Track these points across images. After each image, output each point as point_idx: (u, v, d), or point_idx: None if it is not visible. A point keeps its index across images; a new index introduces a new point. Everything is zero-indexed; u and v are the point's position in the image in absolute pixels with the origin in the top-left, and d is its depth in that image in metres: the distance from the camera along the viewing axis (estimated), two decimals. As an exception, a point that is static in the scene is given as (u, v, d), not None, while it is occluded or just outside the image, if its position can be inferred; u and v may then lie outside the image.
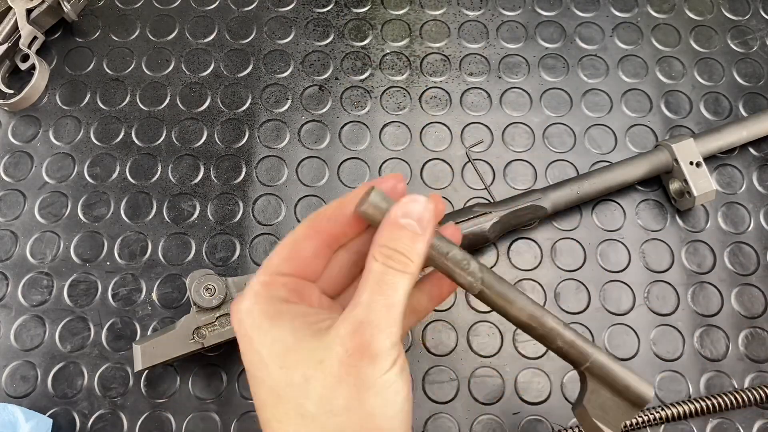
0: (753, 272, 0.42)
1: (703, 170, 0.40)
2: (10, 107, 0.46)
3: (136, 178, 0.45)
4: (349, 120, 0.46)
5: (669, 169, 0.41)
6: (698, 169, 0.40)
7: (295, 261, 0.26)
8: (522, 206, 0.40)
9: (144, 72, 0.48)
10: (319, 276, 0.27)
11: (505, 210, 0.40)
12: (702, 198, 0.40)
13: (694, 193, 0.39)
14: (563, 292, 0.42)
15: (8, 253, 0.43)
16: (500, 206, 0.40)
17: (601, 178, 0.41)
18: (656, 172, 0.42)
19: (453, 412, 0.39)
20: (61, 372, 0.40)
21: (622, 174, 0.42)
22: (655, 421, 0.38)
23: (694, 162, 0.40)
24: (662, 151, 0.42)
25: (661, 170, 0.42)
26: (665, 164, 0.41)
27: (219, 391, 0.40)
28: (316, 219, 0.26)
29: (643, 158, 0.42)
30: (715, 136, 0.42)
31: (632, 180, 0.42)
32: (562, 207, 0.41)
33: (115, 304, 0.42)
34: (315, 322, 0.24)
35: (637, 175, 0.42)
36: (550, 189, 0.41)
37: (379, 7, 0.50)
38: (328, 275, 0.27)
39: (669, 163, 0.41)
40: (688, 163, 0.40)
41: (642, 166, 0.42)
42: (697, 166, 0.40)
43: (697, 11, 0.50)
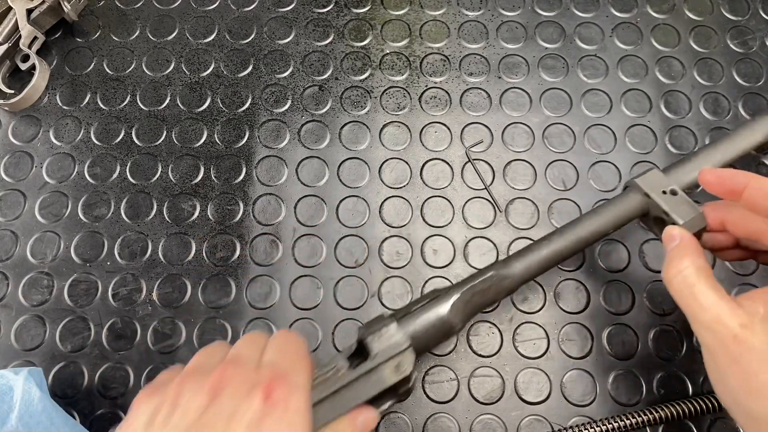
0: (752, 273, 0.42)
1: (681, 196, 0.35)
2: (10, 107, 0.46)
3: (136, 178, 0.45)
4: (349, 120, 0.46)
5: (645, 209, 0.37)
6: (675, 197, 0.35)
7: None
8: (481, 279, 0.34)
9: (144, 72, 0.48)
10: None
11: (464, 287, 0.34)
12: (690, 226, 0.35)
13: (679, 222, 0.34)
14: (563, 292, 0.42)
15: (8, 253, 0.43)
16: (458, 286, 0.34)
17: (569, 237, 0.36)
18: (633, 215, 0.37)
19: (453, 412, 0.39)
20: (62, 372, 0.40)
21: (592, 229, 0.36)
22: (655, 421, 0.38)
23: (668, 191, 0.36)
24: (632, 191, 0.37)
25: (637, 212, 0.37)
26: (640, 204, 0.36)
27: (219, 390, 0.40)
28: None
29: (615, 205, 0.37)
30: (687, 166, 0.38)
31: (606, 232, 0.37)
32: (532, 275, 0.35)
33: (115, 304, 0.42)
34: None
35: (611, 225, 0.36)
36: (514, 258, 0.35)
37: (379, 7, 0.50)
38: None
39: (643, 202, 0.36)
40: (660, 193, 0.36)
41: (614, 213, 0.36)
42: (672, 194, 0.35)
43: (696, 11, 0.50)
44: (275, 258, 0.43)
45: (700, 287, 0.29)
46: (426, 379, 0.40)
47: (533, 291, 0.42)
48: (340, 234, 0.43)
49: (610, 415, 0.38)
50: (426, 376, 0.40)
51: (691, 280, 0.30)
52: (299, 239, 0.43)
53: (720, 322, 0.28)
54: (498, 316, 0.41)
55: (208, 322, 0.41)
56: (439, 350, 0.41)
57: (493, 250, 0.43)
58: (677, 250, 0.31)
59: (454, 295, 0.33)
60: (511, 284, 0.35)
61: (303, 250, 0.43)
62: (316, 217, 0.44)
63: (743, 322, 0.27)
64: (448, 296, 0.33)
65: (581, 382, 0.40)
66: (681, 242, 0.32)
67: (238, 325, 0.41)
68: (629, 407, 0.39)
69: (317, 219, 0.44)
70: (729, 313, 0.28)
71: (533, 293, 0.42)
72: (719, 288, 0.29)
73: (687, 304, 0.29)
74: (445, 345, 0.41)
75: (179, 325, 0.41)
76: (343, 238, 0.43)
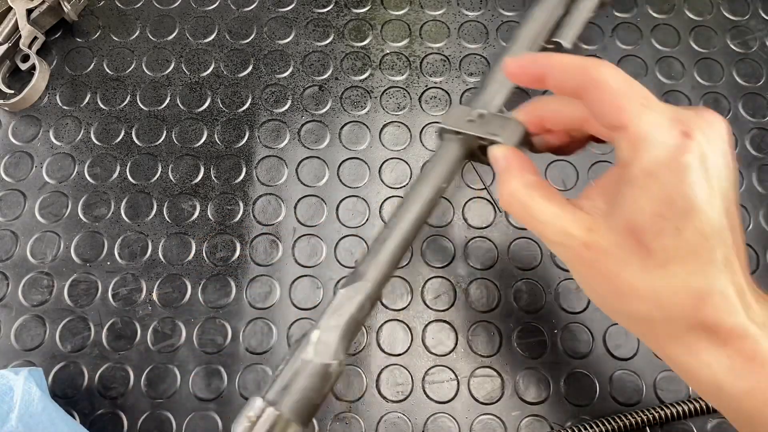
0: (753, 272, 0.42)
1: (490, 115, 0.32)
2: (10, 107, 0.46)
3: (136, 178, 0.45)
4: (349, 120, 0.46)
5: (466, 148, 0.33)
6: (484, 119, 0.31)
7: None
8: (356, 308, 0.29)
9: (144, 72, 0.48)
10: None
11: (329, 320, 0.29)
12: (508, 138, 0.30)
13: (497, 140, 0.30)
14: (563, 292, 0.42)
15: (8, 253, 0.43)
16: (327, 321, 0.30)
17: (409, 217, 0.31)
18: (458, 160, 0.33)
19: (453, 412, 0.39)
20: (61, 372, 0.40)
21: (427, 196, 0.32)
22: (655, 421, 0.38)
23: (474, 117, 0.32)
24: (445, 137, 0.33)
25: (460, 155, 0.33)
26: (458, 145, 0.32)
27: (219, 391, 0.40)
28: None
29: (436, 161, 0.33)
30: (488, 87, 0.35)
31: (442, 189, 0.33)
32: (389, 274, 0.31)
33: (115, 304, 0.42)
34: None
35: (443, 180, 0.32)
36: (366, 266, 0.30)
37: (379, 7, 0.50)
38: None
39: (459, 141, 0.32)
40: (467, 122, 0.32)
41: (440, 169, 0.32)
42: (481, 118, 0.32)
43: (696, 11, 0.50)
44: (275, 258, 0.43)
45: (535, 204, 0.27)
46: (426, 379, 0.40)
47: (533, 291, 0.42)
48: (340, 234, 0.43)
49: (610, 415, 0.38)
50: (426, 376, 0.40)
51: (524, 199, 0.27)
52: (299, 239, 0.43)
53: (566, 233, 0.26)
54: (498, 316, 0.41)
55: (208, 322, 0.41)
56: (439, 350, 0.41)
57: (493, 250, 0.43)
58: (503, 172, 0.29)
59: (313, 334, 0.28)
60: (377, 294, 0.30)
61: (303, 250, 0.43)
62: (316, 217, 0.44)
63: (588, 226, 0.26)
64: (307, 341, 0.28)
65: (581, 382, 0.40)
66: (505, 162, 0.29)
67: (238, 325, 0.41)
68: (629, 407, 0.39)
69: (317, 219, 0.44)
70: (572, 222, 0.26)
71: (533, 293, 0.42)
72: (556, 197, 0.27)
73: (530, 225, 0.27)
74: (445, 345, 0.41)
75: (179, 325, 0.41)
76: (343, 238, 0.43)
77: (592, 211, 0.26)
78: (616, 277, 0.25)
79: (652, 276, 0.24)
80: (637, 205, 0.24)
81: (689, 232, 0.23)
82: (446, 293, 0.42)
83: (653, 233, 0.24)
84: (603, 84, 0.25)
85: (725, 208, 0.24)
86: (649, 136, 0.24)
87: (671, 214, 0.23)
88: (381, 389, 0.40)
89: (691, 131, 0.23)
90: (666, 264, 0.24)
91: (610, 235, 0.25)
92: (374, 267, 0.30)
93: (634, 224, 0.24)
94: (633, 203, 0.24)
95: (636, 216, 0.24)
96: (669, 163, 0.23)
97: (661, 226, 0.23)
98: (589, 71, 0.26)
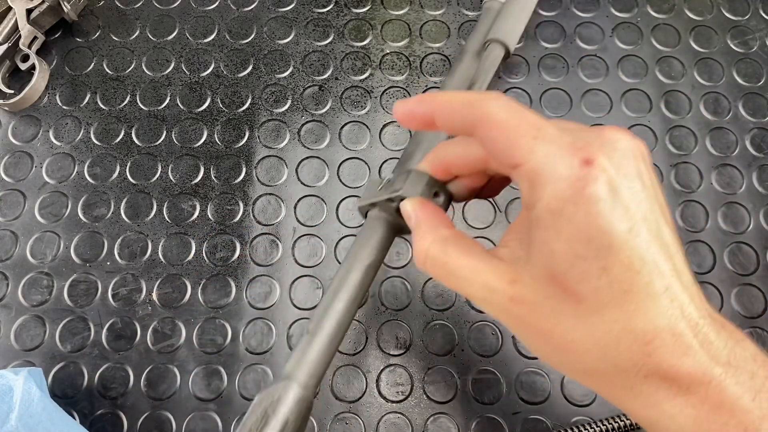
0: (753, 272, 0.42)
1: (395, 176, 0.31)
2: (10, 107, 0.46)
3: (136, 178, 0.45)
4: (349, 120, 0.46)
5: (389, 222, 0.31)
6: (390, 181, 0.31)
7: None
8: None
9: (144, 72, 0.48)
10: None
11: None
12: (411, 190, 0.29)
13: (401, 195, 0.29)
14: (563, 292, 0.42)
15: (8, 253, 0.43)
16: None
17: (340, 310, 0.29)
18: (386, 236, 0.31)
19: (453, 412, 0.39)
20: (61, 372, 0.40)
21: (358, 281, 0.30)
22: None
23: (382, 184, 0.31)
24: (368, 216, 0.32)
25: (386, 231, 0.31)
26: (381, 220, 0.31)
27: (219, 391, 0.40)
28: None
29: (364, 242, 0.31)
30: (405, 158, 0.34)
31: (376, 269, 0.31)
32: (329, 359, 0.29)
33: (115, 304, 0.42)
34: None
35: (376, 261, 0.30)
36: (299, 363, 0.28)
37: (379, 7, 0.50)
38: None
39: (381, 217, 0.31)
40: (377, 191, 0.31)
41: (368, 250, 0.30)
42: (388, 182, 0.31)
43: (697, 11, 0.50)
44: (275, 258, 0.43)
45: (451, 260, 0.24)
46: (426, 379, 0.40)
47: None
48: (340, 234, 0.43)
49: (610, 415, 0.38)
50: (426, 376, 0.40)
51: (439, 256, 0.25)
52: (299, 239, 0.43)
53: (489, 288, 0.23)
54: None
55: (208, 322, 0.41)
56: (438, 351, 0.41)
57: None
58: (414, 230, 0.26)
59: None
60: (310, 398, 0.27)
61: (303, 250, 0.43)
62: (316, 217, 0.44)
63: (511, 278, 0.23)
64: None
65: (581, 382, 0.40)
66: (415, 217, 0.27)
67: (238, 325, 0.41)
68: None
69: (317, 219, 0.44)
70: (494, 275, 0.23)
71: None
72: (474, 249, 0.25)
73: (450, 283, 0.25)
74: (445, 345, 0.41)
75: (179, 325, 0.41)
76: (343, 238, 0.43)
77: (512, 260, 0.24)
78: (551, 332, 0.22)
79: (589, 325, 0.21)
80: (552, 250, 0.21)
81: (616, 269, 0.20)
82: (446, 293, 0.42)
83: (577, 277, 0.21)
84: (490, 119, 0.23)
85: (652, 232, 0.21)
86: (546, 171, 0.21)
87: (591, 253, 0.20)
88: (381, 389, 0.40)
89: (592, 157, 0.21)
90: (600, 309, 0.21)
91: (534, 285, 0.22)
92: (305, 365, 0.27)
93: (554, 271, 0.21)
94: (546, 248, 0.22)
95: (553, 261, 0.21)
96: (573, 197, 0.21)
97: (584, 269, 0.21)
98: (475, 107, 0.23)
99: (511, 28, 0.39)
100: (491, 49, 0.38)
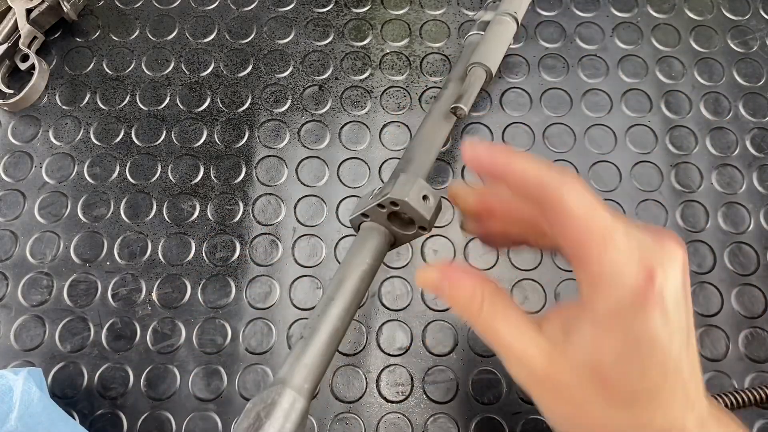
0: (753, 272, 0.42)
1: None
2: (10, 107, 0.46)
3: (136, 178, 0.45)
4: (349, 120, 0.46)
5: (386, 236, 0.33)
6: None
7: None
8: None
9: (144, 72, 0.48)
10: None
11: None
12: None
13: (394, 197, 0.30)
14: (563, 292, 0.42)
15: (8, 253, 0.43)
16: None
17: (335, 322, 0.30)
18: (380, 238, 0.33)
19: (453, 412, 0.39)
20: (61, 372, 0.40)
21: (354, 289, 0.31)
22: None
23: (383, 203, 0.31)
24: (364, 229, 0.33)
25: (379, 233, 0.33)
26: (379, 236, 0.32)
27: (219, 391, 0.40)
28: None
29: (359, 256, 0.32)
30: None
31: (371, 280, 0.32)
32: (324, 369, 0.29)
33: (115, 304, 0.42)
34: None
35: (372, 271, 0.32)
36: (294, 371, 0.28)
37: (379, 7, 0.50)
38: None
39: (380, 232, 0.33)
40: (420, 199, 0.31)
41: (363, 254, 0.32)
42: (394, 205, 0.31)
43: (697, 11, 0.50)
44: (275, 258, 0.43)
45: (499, 318, 0.26)
46: (426, 380, 0.40)
47: (534, 291, 0.42)
48: (340, 234, 0.43)
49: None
50: (426, 376, 0.40)
51: (490, 310, 0.26)
52: (299, 239, 0.43)
53: (528, 357, 0.25)
54: (498, 316, 0.41)
55: (207, 322, 0.41)
56: (438, 350, 0.41)
57: (493, 250, 0.43)
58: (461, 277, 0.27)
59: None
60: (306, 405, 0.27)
61: (303, 250, 0.43)
62: (316, 217, 0.44)
63: (550, 356, 0.25)
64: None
65: (581, 382, 0.40)
66: (449, 274, 0.27)
67: (237, 325, 0.41)
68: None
69: (317, 219, 0.44)
70: (535, 347, 0.25)
71: (534, 293, 0.42)
72: (518, 312, 0.26)
73: (489, 337, 0.26)
74: (445, 345, 0.41)
75: (179, 325, 0.41)
76: (343, 238, 0.43)
77: (551, 338, 0.25)
78: (578, 414, 0.24)
79: (616, 413, 0.23)
80: (601, 345, 0.23)
81: (654, 372, 0.23)
82: (446, 293, 0.42)
83: (618, 374, 0.23)
84: (563, 209, 0.24)
85: (683, 339, 0.23)
86: (613, 278, 0.23)
87: (636, 356, 0.23)
88: (381, 389, 0.40)
89: (653, 269, 0.23)
90: (631, 404, 0.23)
91: (572, 369, 0.24)
92: (300, 370, 0.27)
93: (597, 364, 0.23)
94: (595, 342, 0.24)
95: (599, 356, 0.23)
96: (633, 305, 0.23)
97: (627, 368, 0.23)
98: (550, 191, 0.24)
99: (492, 53, 0.41)
100: (473, 73, 0.40)
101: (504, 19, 0.42)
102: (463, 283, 0.26)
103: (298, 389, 0.27)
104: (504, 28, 0.42)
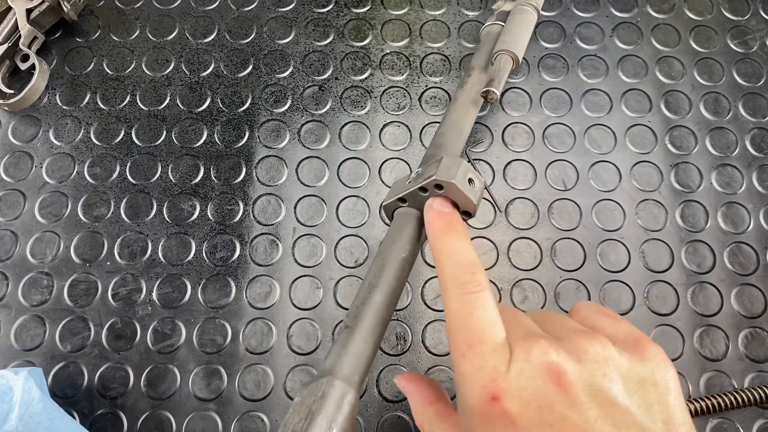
0: (753, 272, 0.42)
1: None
2: (10, 107, 0.46)
3: (136, 178, 0.45)
4: (349, 120, 0.46)
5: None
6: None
7: None
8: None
9: (144, 72, 0.48)
10: None
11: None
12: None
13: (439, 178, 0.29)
14: (563, 292, 0.42)
15: (8, 253, 0.43)
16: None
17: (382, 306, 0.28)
18: (416, 225, 0.31)
19: (453, 412, 0.39)
20: (61, 372, 0.40)
21: (397, 275, 0.29)
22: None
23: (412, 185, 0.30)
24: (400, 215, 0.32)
25: (417, 219, 0.31)
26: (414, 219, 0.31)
27: (219, 391, 0.40)
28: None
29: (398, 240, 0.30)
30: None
31: (411, 265, 0.30)
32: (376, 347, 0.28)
33: (115, 304, 0.42)
34: None
35: (412, 257, 0.30)
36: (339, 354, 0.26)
37: (379, 7, 0.50)
38: None
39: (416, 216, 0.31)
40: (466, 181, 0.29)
41: (401, 240, 0.30)
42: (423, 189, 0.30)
43: (696, 11, 0.50)
44: (275, 258, 0.43)
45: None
46: (426, 379, 0.40)
47: (533, 291, 0.42)
48: (340, 234, 0.43)
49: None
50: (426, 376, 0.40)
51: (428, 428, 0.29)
52: (299, 239, 0.43)
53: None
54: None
55: (208, 322, 0.41)
56: (438, 350, 0.41)
57: (493, 250, 0.43)
58: (409, 399, 0.31)
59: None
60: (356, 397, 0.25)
61: (303, 250, 0.43)
62: (316, 217, 0.44)
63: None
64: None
65: (581, 382, 0.40)
66: (408, 391, 0.31)
67: (238, 325, 0.41)
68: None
69: (317, 219, 0.44)
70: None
71: (534, 293, 0.42)
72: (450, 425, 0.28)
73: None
74: (445, 345, 0.41)
75: (179, 325, 0.41)
76: (343, 238, 0.43)
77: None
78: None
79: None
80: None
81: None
82: (446, 293, 0.42)
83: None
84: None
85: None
86: (461, 391, 0.25)
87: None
88: (380, 389, 0.40)
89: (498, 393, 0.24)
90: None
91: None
92: (347, 360, 0.26)
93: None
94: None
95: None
96: (480, 424, 0.24)
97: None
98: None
99: (517, 41, 0.41)
100: (500, 59, 0.40)
101: (526, 9, 0.42)
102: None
103: (348, 380, 0.25)
104: (526, 17, 0.42)
